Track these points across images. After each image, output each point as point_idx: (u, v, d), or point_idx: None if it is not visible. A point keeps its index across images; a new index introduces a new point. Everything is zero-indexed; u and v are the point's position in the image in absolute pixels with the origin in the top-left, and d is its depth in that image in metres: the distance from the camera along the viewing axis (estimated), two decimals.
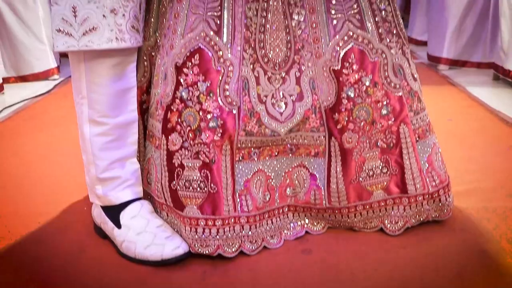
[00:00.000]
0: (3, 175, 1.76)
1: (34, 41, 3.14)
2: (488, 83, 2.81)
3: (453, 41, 3.10)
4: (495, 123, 2.14)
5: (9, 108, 2.62)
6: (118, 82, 1.27)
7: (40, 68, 3.18)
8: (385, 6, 1.27)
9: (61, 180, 1.70)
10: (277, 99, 1.25)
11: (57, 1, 1.16)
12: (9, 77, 3.10)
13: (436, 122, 2.09)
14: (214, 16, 1.19)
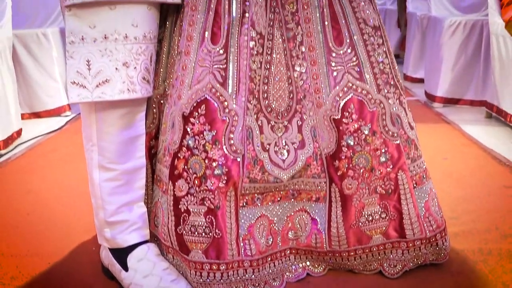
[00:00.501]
0: (16, 213, 1.76)
1: (48, 79, 3.17)
2: (481, 121, 2.82)
3: (447, 80, 3.12)
4: (489, 162, 2.14)
5: (23, 145, 2.63)
6: (127, 131, 1.27)
7: (53, 105, 3.20)
8: (382, 59, 1.28)
9: (71, 219, 1.69)
10: (280, 147, 1.25)
11: (73, 55, 1.17)
12: (24, 114, 3.11)
13: (432, 160, 2.10)
14: (220, 69, 1.20)
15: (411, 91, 3.69)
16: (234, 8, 1.21)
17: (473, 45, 3.05)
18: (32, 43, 3.08)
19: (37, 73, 3.11)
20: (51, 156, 2.44)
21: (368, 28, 1.28)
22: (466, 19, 3.05)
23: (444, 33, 3.07)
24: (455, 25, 3.04)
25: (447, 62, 3.09)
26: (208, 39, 1.21)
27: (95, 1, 1.15)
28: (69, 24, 1.17)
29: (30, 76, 3.12)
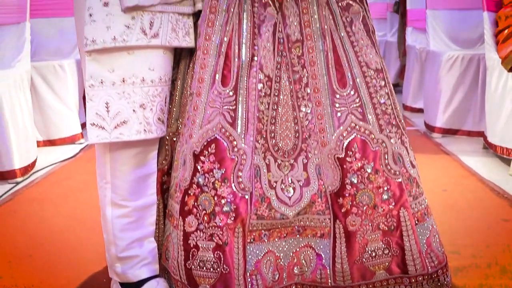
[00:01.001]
0: (30, 243, 1.76)
1: (63, 108, 3.18)
2: (479, 152, 2.81)
3: (446, 111, 3.12)
4: (488, 194, 2.12)
5: (38, 173, 2.64)
6: (139, 169, 1.28)
7: (68, 133, 3.22)
8: (384, 100, 1.29)
9: (83, 250, 1.68)
10: (286, 184, 1.25)
11: (92, 98, 1.18)
12: (39, 141, 3.12)
13: (432, 192, 2.09)
14: (230, 110, 1.21)
15: (411, 120, 3.69)
16: (243, 52, 1.23)
17: (470, 78, 3.06)
18: (49, 74, 3.11)
19: (53, 102, 3.13)
20: (65, 184, 2.44)
21: (371, 71, 1.28)
22: (463, 54, 3.06)
23: (442, 66, 3.08)
24: (453, 59, 3.06)
25: (445, 94, 3.10)
26: (218, 81, 1.22)
27: (114, 47, 1.16)
28: (89, 68, 1.18)
29: (46, 105, 3.13)
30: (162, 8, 1.20)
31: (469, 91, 3.08)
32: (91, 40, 1.15)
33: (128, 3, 1.15)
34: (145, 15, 1.18)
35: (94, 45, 1.15)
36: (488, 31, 2.63)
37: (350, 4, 1.30)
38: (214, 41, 1.24)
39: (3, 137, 2.40)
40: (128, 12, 1.16)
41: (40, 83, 3.11)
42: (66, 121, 3.20)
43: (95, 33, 1.15)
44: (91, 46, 1.15)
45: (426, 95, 3.42)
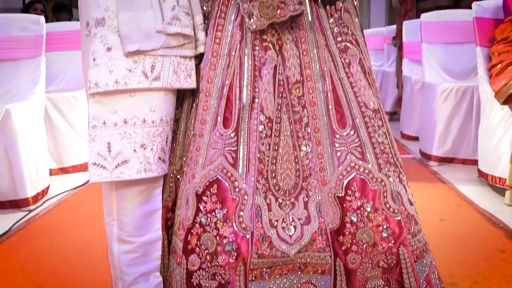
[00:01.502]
0: (40, 273, 1.71)
1: (76, 137, 3.17)
2: (474, 180, 2.75)
3: (442, 140, 3.08)
4: (484, 224, 2.07)
5: (50, 201, 2.60)
6: (145, 205, 1.24)
7: (80, 160, 3.20)
8: (382, 139, 1.25)
9: (92, 280, 1.64)
10: (287, 223, 1.20)
11: (94, 138, 1.15)
12: (52, 169, 3.10)
13: (429, 221, 2.04)
14: (231, 151, 1.17)
15: (407, 148, 3.65)
16: (244, 95, 1.20)
17: (465, 109, 3.02)
18: (63, 105, 3.10)
19: (66, 131, 3.11)
20: (76, 212, 2.41)
21: (369, 111, 1.25)
22: (458, 86, 3.03)
23: (437, 98, 3.05)
24: (448, 91, 3.02)
25: (440, 124, 3.06)
26: (220, 123, 1.19)
27: (116, 90, 1.14)
28: (92, 110, 1.15)
29: (60, 134, 3.12)
30: (163, 52, 1.17)
31: (464, 121, 3.04)
32: (94, 83, 1.12)
33: (130, 48, 1.13)
34: (146, 59, 1.16)
35: (97, 88, 1.13)
36: (481, 65, 2.60)
37: (347, 47, 1.27)
38: (216, 84, 1.21)
39: (18, 167, 2.38)
40: (130, 56, 1.14)
41: (54, 113, 3.09)
42: (78, 149, 3.18)
43: (98, 77, 1.12)
44: (94, 89, 1.13)
45: (422, 124, 3.38)
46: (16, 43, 2.70)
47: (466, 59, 3.40)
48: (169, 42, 1.18)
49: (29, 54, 2.71)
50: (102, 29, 1.14)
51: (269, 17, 1.18)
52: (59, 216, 2.36)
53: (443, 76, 3.38)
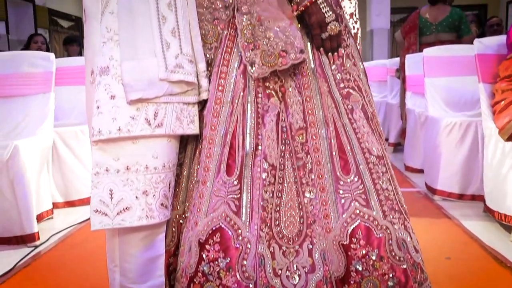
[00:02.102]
0: None
1: (83, 170, 3.14)
2: (480, 216, 2.69)
3: (447, 174, 3.03)
4: (491, 263, 2.01)
5: (56, 235, 2.57)
6: (148, 251, 1.21)
7: (87, 194, 3.16)
8: (387, 186, 1.22)
9: None
10: (291, 271, 1.17)
11: (97, 185, 1.14)
12: (59, 203, 3.07)
13: (435, 260, 1.98)
14: (234, 199, 1.15)
15: (412, 181, 3.60)
16: (247, 142, 1.18)
17: (470, 143, 2.98)
18: (71, 139, 3.09)
19: (74, 165, 3.09)
20: (82, 247, 2.37)
21: (373, 158, 1.23)
22: (461, 120, 3.00)
23: (441, 132, 3.01)
24: (451, 125, 2.99)
25: (445, 158, 3.02)
26: (223, 171, 1.17)
27: (119, 137, 1.12)
28: (95, 157, 1.14)
29: (67, 168, 3.09)
30: (166, 99, 1.17)
31: (470, 155, 2.99)
32: (98, 130, 1.11)
33: (133, 97, 1.12)
34: (149, 106, 1.15)
35: (100, 135, 1.12)
36: (484, 101, 2.58)
37: (350, 93, 1.26)
38: (220, 131, 1.20)
39: (25, 203, 2.36)
40: (133, 104, 1.13)
41: (62, 147, 3.08)
42: (85, 183, 3.15)
43: (101, 124, 1.11)
44: (97, 136, 1.12)
45: (426, 157, 3.34)
46: (26, 79, 2.71)
47: (469, 93, 3.38)
48: (172, 89, 1.17)
49: (39, 90, 2.72)
50: (106, 77, 1.14)
51: (271, 65, 1.17)
52: (64, 252, 2.32)
53: (446, 110, 3.35)
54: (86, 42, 1.23)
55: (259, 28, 1.18)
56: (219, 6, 1.24)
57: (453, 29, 4.21)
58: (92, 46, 1.19)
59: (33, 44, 4.85)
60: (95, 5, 1.18)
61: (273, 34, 1.17)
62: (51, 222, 2.79)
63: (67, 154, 3.07)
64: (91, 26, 1.20)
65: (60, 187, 3.10)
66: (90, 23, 1.20)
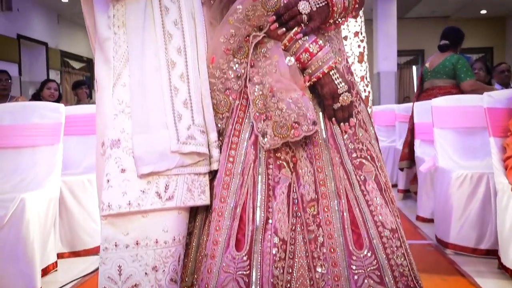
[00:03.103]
0: None
1: (89, 221, 3.12)
2: (494, 273, 2.61)
3: (459, 227, 2.96)
4: None
5: None
6: None
7: (92, 244, 3.13)
8: (401, 261, 1.19)
9: None
10: None
11: (105, 261, 1.11)
12: (64, 253, 3.03)
13: None
14: (243, 275, 1.12)
15: (423, 232, 3.53)
16: (258, 216, 1.16)
17: (482, 196, 2.92)
18: (77, 189, 3.07)
19: (80, 215, 3.07)
20: None
21: (386, 231, 1.20)
22: (472, 172, 2.96)
23: (452, 184, 2.97)
24: (462, 177, 2.95)
25: (457, 211, 2.96)
26: (232, 245, 1.14)
27: (129, 211, 1.11)
28: (104, 232, 1.12)
29: (73, 218, 3.06)
30: (178, 171, 1.15)
31: (482, 207, 2.92)
32: (107, 205, 1.10)
33: (144, 171, 1.11)
34: (160, 179, 1.14)
35: (109, 210, 1.10)
36: (495, 155, 2.56)
37: (363, 163, 1.24)
38: (229, 204, 1.18)
39: (31, 258, 2.33)
40: (144, 177, 1.12)
41: (69, 197, 3.06)
42: (91, 233, 3.12)
43: (111, 199, 1.10)
44: (107, 211, 1.10)
45: (437, 209, 3.28)
46: (36, 130, 2.73)
47: (479, 143, 3.35)
48: (184, 161, 1.16)
49: (47, 141, 2.73)
50: (117, 150, 1.13)
51: (283, 137, 1.16)
52: None
53: (457, 160, 3.32)
54: (98, 112, 1.23)
55: (271, 99, 1.18)
56: (231, 76, 1.24)
57: (449, 75, 4.19)
58: (103, 117, 1.19)
59: (46, 90, 4.93)
60: (107, 77, 1.19)
61: (285, 106, 1.17)
62: (55, 275, 2.75)
63: (74, 204, 3.05)
64: (103, 96, 1.20)
65: (65, 237, 3.07)
66: (102, 94, 1.20)
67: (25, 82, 8.80)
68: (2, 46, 7.87)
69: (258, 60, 1.22)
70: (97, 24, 1.23)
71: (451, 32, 4.31)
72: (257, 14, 1.19)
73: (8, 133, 2.70)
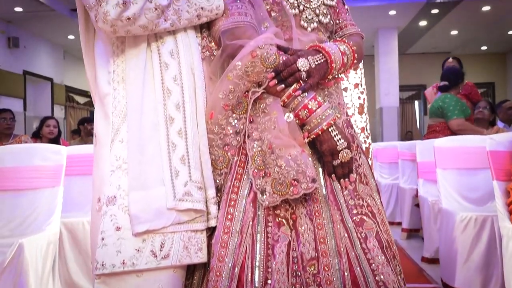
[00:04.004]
0: None
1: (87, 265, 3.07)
2: None
3: (465, 270, 2.90)
4: None
5: None
6: None
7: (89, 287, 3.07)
8: None
9: None
10: None
11: None
12: None
13: None
14: None
15: (427, 275, 3.46)
16: (256, 277, 1.13)
17: (487, 239, 2.88)
18: (77, 231, 3.04)
19: (79, 259, 3.03)
20: None
21: None
22: (476, 215, 2.92)
23: (456, 227, 2.93)
24: (467, 220, 2.91)
25: (462, 254, 2.91)
26: None
27: (123, 271, 1.08)
28: None
29: (69, 259, 3.02)
30: (174, 228, 1.14)
31: (488, 251, 2.88)
32: (101, 263, 1.08)
33: (139, 229, 1.09)
34: (156, 237, 1.12)
35: (103, 269, 1.08)
36: (499, 199, 2.52)
37: (363, 220, 1.22)
38: (227, 264, 1.15)
39: None
40: (139, 236, 1.10)
41: (68, 239, 3.03)
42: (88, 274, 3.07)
43: (105, 258, 1.08)
44: (101, 270, 1.08)
45: (442, 252, 3.23)
46: (37, 173, 2.72)
47: (482, 184, 3.32)
48: (180, 218, 1.14)
49: (48, 183, 2.71)
50: (112, 207, 1.12)
51: (282, 194, 1.15)
52: None
53: (460, 202, 3.28)
54: (95, 166, 1.22)
55: (270, 156, 1.17)
56: (229, 132, 1.23)
57: (437, 115, 4.26)
58: (100, 172, 1.18)
59: (45, 127, 4.94)
60: (106, 132, 1.18)
61: (284, 163, 1.15)
62: None
63: (73, 246, 3.01)
64: (101, 151, 1.20)
65: (64, 281, 3.01)
66: (100, 149, 1.20)
67: (30, 117, 8.87)
68: (8, 82, 7.97)
69: (257, 115, 1.21)
70: (97, 79, 1.24)
71: (450, 74, 4.35)
72: (256, 71, 1.19)
73: (9, 175, 2.68)
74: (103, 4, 1.09)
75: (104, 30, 1.13)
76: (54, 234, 2.64)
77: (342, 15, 1.43)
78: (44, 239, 2.51)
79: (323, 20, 1.34)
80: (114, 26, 1.11)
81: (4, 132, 4.52)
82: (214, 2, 1.23)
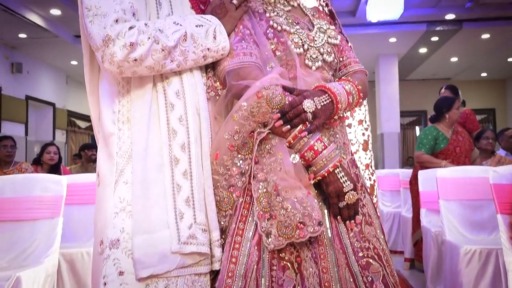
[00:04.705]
0: None
1: None
2: None
3: None
4: None
5: None
6: None
7: None
8: None
9: None
10: None
11: None
12: None
13: None
14: None
15: None
16: None
17: (492, 272, 2.84)
18: (76, 262, 3.00)
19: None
20: None
21: None
22: (481, 248, 2.88)
23: (460, 260, 2.89)
24: (471, 253, 2.88)
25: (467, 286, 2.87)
26: None
27: None
28: None
29: None
30: (178, 272, 1.12)
31: (493, 284, 2.84)
32: None
33: (143, 274, 1.07)
34: (160, 281, 1.10)
35: None
36: (503, 233, 2.50)
37: (369, 263, 1.20)
38: None
39: None
40: (143, 280, 1.08)
41: (66, 270, 2.99)
42: None
43: None
44: None
45: (447, 284, 3.18)
46: (37, 203, 2.70)
47: (486, 216, 3.29)
48: (185, 261, 1.12)
49: (48, 214, 2.69)
50: (116, 251, 1.10)
51: (288, 237, 1.13)
52: None
53: (464, 234, 3.25)
54: (98, 207, 1.21)
55: (276, 198, 1.15)
56: (235, 173, 1.22)
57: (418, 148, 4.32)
58: (103, 213, 1.17)
59: (46, 154, 4.93)
60: (110, 173, 1.17)
61: (290, 205, 1.14)
62: None
63: (71, 279, 2.97)
64: (104, 192, 1.18)
65: None
66: (104, 190, 1.18)
67: (31, 141, 8.87)
68: (11, 107, 8.00)
69: (262, 156, 1.21)
70: (102, 118, 1.23)
71: (435, 105, 4.36)
72: (261, 111, 1.19)
73: (8, 206, 2.67)
74: (110, 45, 1.09)
75: (111, 71, 1.13)
76: (52, 266, 2.61)
77: (346, 53, 1.43)
78: (42, 272, 2.47)
79: (327, 59, 1.34)
80: (120, 67, 1.11)
81: (4, 160, 4.50)
82: (220, 43, 1.23)
